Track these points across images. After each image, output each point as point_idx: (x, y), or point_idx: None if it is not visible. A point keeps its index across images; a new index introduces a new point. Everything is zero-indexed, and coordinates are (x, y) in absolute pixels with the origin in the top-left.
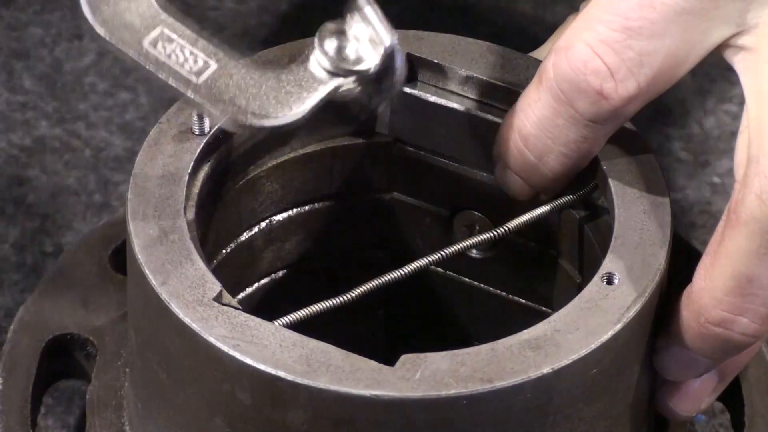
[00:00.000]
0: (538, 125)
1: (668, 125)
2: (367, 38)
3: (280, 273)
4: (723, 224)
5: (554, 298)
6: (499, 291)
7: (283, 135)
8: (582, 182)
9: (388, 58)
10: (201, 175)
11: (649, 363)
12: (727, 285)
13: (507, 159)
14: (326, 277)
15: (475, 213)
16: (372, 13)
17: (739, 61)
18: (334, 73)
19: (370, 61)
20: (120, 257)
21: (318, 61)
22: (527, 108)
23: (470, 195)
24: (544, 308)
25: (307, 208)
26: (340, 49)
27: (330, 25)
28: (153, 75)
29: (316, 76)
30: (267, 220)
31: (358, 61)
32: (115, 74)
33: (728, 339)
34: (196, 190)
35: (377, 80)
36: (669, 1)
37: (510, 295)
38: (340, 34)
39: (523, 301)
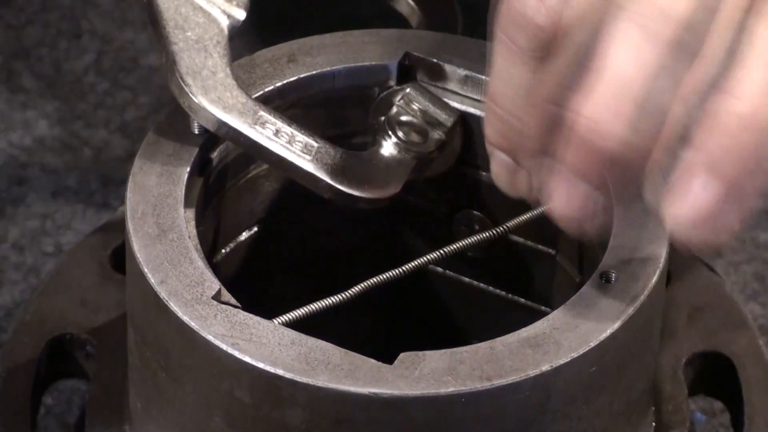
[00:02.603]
0: (499, 79)
1: None
2: (431, 119)
3: (280, 271)
4: None
5: (553, 296)
6: (498, 290)
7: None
8: None
9: (451, 133)
10: (201, 174)
11: (648, 362)
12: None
13: (488, 132)
14: (326, 276)
15: (475, 212)
16: (431, 95)
17: None
18: (409, 154)
19: (435, 139)
20: (120, 257)
21: (395, 145)
22: (491, 70)
23: (470, 194)
24: (543, 307)
25: (307, 207)
26: (411, 133)
27: (395, 113)
28: (152, 75)
29: (397, 159)
30: (267, 220)
31: (427, 141)
32: (115, 74)
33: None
34: (195, 189)
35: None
36: None
37: (509, 294)
38: (407, 119)
39: (523, 300)
